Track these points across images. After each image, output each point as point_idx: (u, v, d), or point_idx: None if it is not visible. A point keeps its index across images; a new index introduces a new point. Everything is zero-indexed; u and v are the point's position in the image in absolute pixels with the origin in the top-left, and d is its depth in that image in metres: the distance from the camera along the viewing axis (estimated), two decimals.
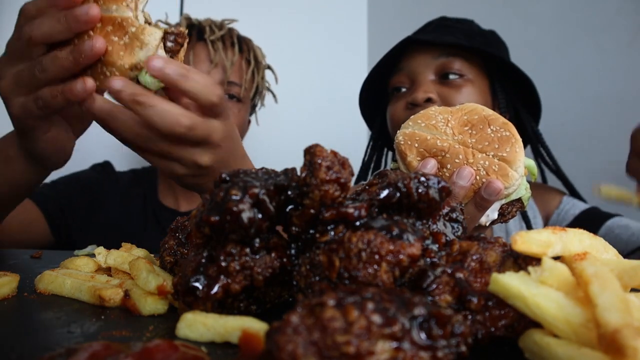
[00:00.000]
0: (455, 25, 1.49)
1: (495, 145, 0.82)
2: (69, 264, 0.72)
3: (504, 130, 0.84)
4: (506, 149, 0.82)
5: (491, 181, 0.80)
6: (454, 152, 0.83)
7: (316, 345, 0.33)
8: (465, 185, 0.80)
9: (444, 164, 0.82)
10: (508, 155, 0.82)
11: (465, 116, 0.87)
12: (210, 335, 0.45)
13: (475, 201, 0.82)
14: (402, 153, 0.86)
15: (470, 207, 0.83)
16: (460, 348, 0.35)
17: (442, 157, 0.83)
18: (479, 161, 0.81)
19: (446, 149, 0.83)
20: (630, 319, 0.34)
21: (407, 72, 1.43)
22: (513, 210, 0.87)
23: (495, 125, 0.85)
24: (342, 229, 0.48)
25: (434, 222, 0.53)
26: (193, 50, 1.68)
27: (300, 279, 0.50)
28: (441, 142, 0.84)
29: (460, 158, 0.82)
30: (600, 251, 0.50)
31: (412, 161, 0.84)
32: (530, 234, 0.46)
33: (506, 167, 0.81)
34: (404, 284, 0.47)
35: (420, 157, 0.84)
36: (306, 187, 0.49)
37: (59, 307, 0.56)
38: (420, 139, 0.85)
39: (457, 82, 1.37)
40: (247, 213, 0.48)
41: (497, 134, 0.84)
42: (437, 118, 0.87)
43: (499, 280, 0.41)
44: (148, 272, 0.57)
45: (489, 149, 0.82)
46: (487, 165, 0.81)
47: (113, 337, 0.46)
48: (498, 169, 0.81)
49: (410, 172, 0.73)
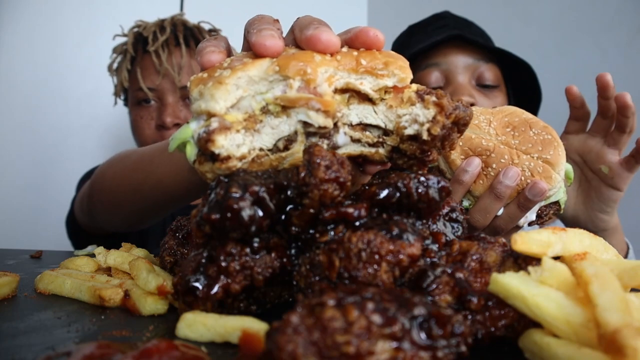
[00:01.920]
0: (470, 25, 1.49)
1: (538, 148, 0.84)
2: (69, 264, 0.72)
3: (545, 134, 0.86)
4: (549, 152, 0.84)
5: (536, 182, 0.81)
6: (500, 152, 0.84)
7: (316, 345, 0.33)
8: (512, 185, 0.82)
9: (489, 163, 0.84)
10: (552, 157, 0.84)
11: (506, 118, 0.89)
12: (210, 335, 0.45)
13: (518, 201, 0.84)
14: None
15: (513, 207, 0.85)
16: (460, 348, 0.35)
17: (487, 157, 0.84)
18: (524, 162, 0.83)
19: (491, 149, 0.84)
20: (630, 319, 0.34)
21: (443, 69, 1.39)
22: (550, 212, 0.88)
23: (536, 128, 0.87)
24: (342, 229, 0.48)
25: (434, 222, 0.53)
26: (140, 66, 1.67)
27: (300, 279, 0.50)
28: (486, 141, 0.85)
29: (505, 158, 0.84)
30: (600, 251, 0.50)
31: (456, 159, 0.85)
32: (530, 234, 0.46)
33: (550, 169, 0.83)
34: (404, 284, 0.46)
35: (464, 156, 0.85)
36: (305, 186, 0.48)
37: (59, 307, 0.56)
38: (464, 137, 0.86)
39: (493, 92, 1.38)
40: (248, 210, 0.48)
41: (539, 136, 0.86)
42: (479, 118, 0.88)
43: (499, 280, 0.41)
44: (148, 272, 0.57)
45: (532, 151, 0.84)
46: (532, 166, 0.83)
47: (113, 337, 0.46)
48: (542, 171, 0.83)
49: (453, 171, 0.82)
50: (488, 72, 1.38)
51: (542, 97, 1.46)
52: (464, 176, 0.84)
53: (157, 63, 1.63)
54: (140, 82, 1.65)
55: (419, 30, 1.54)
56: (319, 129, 0.55)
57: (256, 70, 0.53)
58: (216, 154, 0.52)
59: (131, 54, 1.69)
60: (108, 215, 1.12)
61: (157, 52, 1.64)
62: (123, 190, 1.03)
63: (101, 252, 0.74)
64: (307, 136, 0.56)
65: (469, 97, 1.31)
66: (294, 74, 0.52)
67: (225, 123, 0.52)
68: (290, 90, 0.53)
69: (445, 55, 1.40)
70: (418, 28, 1.55)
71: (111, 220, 1.12)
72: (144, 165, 0.98)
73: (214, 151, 0.52)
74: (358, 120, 0.57)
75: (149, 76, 1.65)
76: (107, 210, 1.11)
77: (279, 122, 0.55)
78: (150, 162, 0.97)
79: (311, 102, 0.52)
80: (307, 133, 0.56)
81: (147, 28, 1.70)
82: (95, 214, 1.17)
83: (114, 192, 1.05)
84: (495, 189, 0.84)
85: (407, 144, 0.57)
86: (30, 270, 0.77)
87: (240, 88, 0.53)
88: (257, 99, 0.54)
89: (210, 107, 0.52)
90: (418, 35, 1.51)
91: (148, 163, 0.97)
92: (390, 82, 0.56)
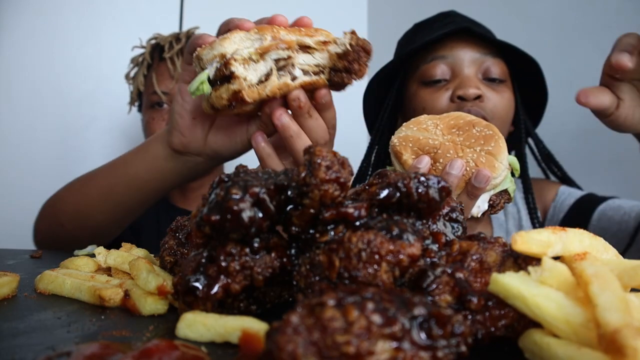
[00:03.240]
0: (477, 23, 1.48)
1: (481, 142, 0.92)
2: (69, 264, 0.72)
3: (487, 130, 0.95)
4: (491, 144, 0.92)
5: (480, 169, 0.88)
6: (445, 148, 0.92)
7: (316, 345, 0.33)
8: (457, 174, 0.88)
9: (437, 159, 0.91)
10: (493, 149, 0.91)
11: (452, 121, 0.98)
12: (210, 335, 0.45)
13: (467, 190, 0.90)
14: (397, 153, 0.95)
15: (463, 197, 0.91)
16: (460, 348, 0.35)
17: (434, 154, 0.92)
18: (468, 154, 0.91)
19: (438, 146, 0.92)
20: (630, 319, 0.34)
21: (449, 62, 1.38)
22: (501, 201, 0.96)
23: (479, 127, 0.95)
24: (342, 229, 0.48)
25: (434, 222, 0.53)
26: (155, 72, 1.77)
27: (300, 279, 0.50)
28: (433, 140, 0.93)
29: (451, 153, 0.91)
30: (600, 251, 0.50)
31: (408, 159, 0.93)
32: (530, 234, 0.46)
33: (492, 159, 0.91)
34: (404, 284, 0.46)
35: (414, 156, 0.93)
36: (306, 186, 0.48)
37: (59, 307, 0.56)
38: (413, 139, 0.94)
39: (500, 86, 1.38)
40: (248, 212, 0.48)
41: (481, 133, 0.94)
42: (427, 123, 0.98)
43: (499, 280, 0.41)
44: (148, 272, 0.57)
45: (475, 145, 0.92)
46: (475, 157, 0.91)
47: (113, 337, 0.46)
48: (485, 161, 0.90)
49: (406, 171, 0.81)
50: (495, 67, 1.37)
51: (548, 95, 1.45)
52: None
53: (172, 69, 1.74)
54: (155, 86, 1.75)
55: (424, 27, 1.53)
56: (286, 60, 0.84)
57: (243, 33, 0.83)
58: (232, 72, 0.79)
59: (148, 61, 1.81)
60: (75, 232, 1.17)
61: (172, 59, 1.76)
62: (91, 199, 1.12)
63: (101, 252, 0.75)
64: (278, 70, 0.84)
65: (475, 89, 1.31)
66: (267, 33, 0.83)
67: (235, 56, 0.80)
68: (265, 42, 0.82)
69: (452, 49, 1.39)
70: (424, 25, 1.54)
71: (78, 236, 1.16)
72: (116, 169, 1.11)
73: (232, 70, 0.79)
74: (305, 62, 0.86)
75: (164, 81, 1.76)
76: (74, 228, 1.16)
77: (258, 66, 0.83)
78: (124, 164, 1.10)
79: (279, 44, 0.83)
80: (278, 68, 0.84)
81: (164, 39, 1.82)
82: (59, 235, 1.20)
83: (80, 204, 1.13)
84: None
85: (337, 61, 0.85)
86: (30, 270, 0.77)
87: (235, 44, 0.81)
88: (244, 51, 0.81)
89: (222, 50, 0.80)
90: (424, 31, 1.50)
91: (121, 165, 1.10)
92: (322, 38, 0.86)
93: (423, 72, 1.42)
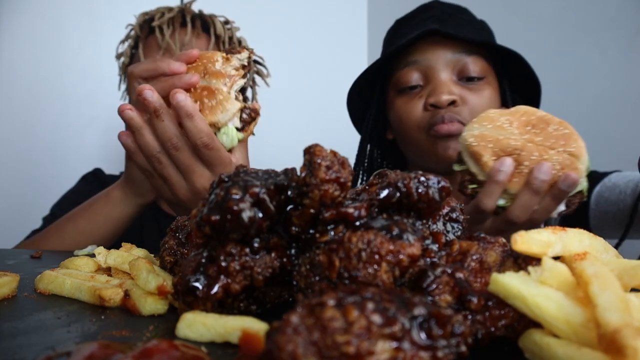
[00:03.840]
0: (459, 15, 1.40)
1: (561, 142, 0.89)
2: (69, 264, 0.72)
3: (563, 128, 0.91)
4: (572, 145, 0.89)
5: (569, 174, 0.86)
6: (529, 150, 0.88)
7: (316, 345, 0.33)
8: (546, 179, 0.86)
9: (521, 161, 0.88)
10: (576, 150, 0.89)
11: (523, 117, 0.93)
12: (210, 335, 0.45)
13: (552, 194, 0.88)
14: (476, 154, 0.91)
15: (547, 200, 0.89)
16: (460, 348, 0.35)
17: (517, 155, 0.88)
18: (553, 157, 0.88)
19: (520, 147, 0.88)
20: (630, 319, 0.34)
21: (421, 67, 1.31)
22: (576, 200, 0.94)
23: (553, 124, 0.92)
24: (342, 229, 0.48)
25: (434, 222, 0.53)
26: (142, 44, 1.62)
27: (300, 279, 0.50)
28: (514, 141, 0.89)
29: (535, 155, 0.88)
30: (600, 251, 0.50)
31: (488, 161, 0.89)
32: (530, 233, 0.46)
33: (575, 161, 0.88)
34: (404, 284, 0.46)
35: (495, 157, 0.89)
36: (306, 186, 0.49)
37: (59, 307, 0.56)
38: (492, 139, 0.90)
39: (479, 85, 1.30)
40: (248, 212, 0.48)
41: (558, 131, 0.91)
42: (500, 119, 0.93)
43: (499, 280, 0.41)
44: (148, 272, 0.57)
45: (557, 146, 0.89)
46: (560, 160, 0.88)
47: (113, 337, 0.46)
48: (570, 163, 0.88)
49: (485, 173, 0.89)
50: (472, 65, 1.29)
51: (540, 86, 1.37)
52: (499, 176, 0.88)
53: (160, 38, 1.56)
54: (141, 58, 1.59)
55: (404, 24, 1.46)
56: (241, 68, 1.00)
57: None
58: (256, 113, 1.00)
59: (137, 33, 1.64)
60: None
61: (160, 28, 1.58)
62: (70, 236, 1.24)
63: (101, 252, 0.74)
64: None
65: (447, 95, 1.24)
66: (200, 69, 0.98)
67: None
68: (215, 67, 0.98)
69: (423, 52, 1.31)
70: (403, 22, 1.47)
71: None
72: (84, 211, 1.23)
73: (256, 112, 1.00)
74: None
75: (151, 53, 1.59)
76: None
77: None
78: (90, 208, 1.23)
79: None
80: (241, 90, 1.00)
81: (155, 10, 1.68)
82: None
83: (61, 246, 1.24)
84: (532, 185, 0.88)
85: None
86: (30, 270, 0.77)
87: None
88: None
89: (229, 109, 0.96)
90: (403, 29, 1.43)
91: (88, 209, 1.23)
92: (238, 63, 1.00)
93: (397, 80, 1.36)
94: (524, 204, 0.89)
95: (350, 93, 1.47)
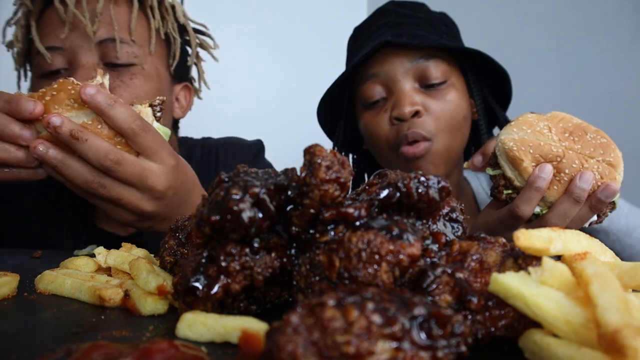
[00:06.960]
0: (415, 14, 1.35)
1: (600, 151, 0.89)
2: (69, 264, 0.72)
3: (600, 137, 0.91)
4: (610, 155, 0.89)
5: (609, 184, 0.86)
6: (569, 157, 0.87)
7: (316, 345, 0.33)
8: (588, 188, 0.86)
9: (561, 169, 0.87)
10: (614, 160, 0.89)
11: (561, 124, 0.92)
12: (210, 335, 0.45)
13: (590, 203, 0.88)
14: (516, 159, 0.89)
15: (585, 209, 0.89)
16: (460, 348, 0.35)
17: (558, 163, 0.87)
18: (593, 166, 0.87)
19: (561, 155, 0.88)
20: (630, 319, 0.34)
21: (382, 79, 1.27)
22: (607, 210, 0.93)
23: (591, 133, 0.91)
24: (342, 229, 0.48)
25: (434, 222, 0.53)
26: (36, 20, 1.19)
27: (300, 279, 0.50)
28: (555, 148, 0.88)
29: (576, 163, 0.87)
30: (597, 253, 0.50)
31: (528, 167, 0.88)
32: (531, 231, 0.46)
33: (613, 171, 0.88)
34: (404, 284, 0.46)
35: (535, 163, 0.88)
36: (306, 187, 0.49)
37: (59, 307, 0.56)
38: (533, 145, 0.88)
39: (442, 90, 1.25)
40: (248, 212, 0.48)
41: (596, 140, 0.90)
42: (539, 125, 0.91)
43: (499, 280, 0.41)
44: (148, 272, 0.57)
45: (596, 155, 0.89)
46: (600, 169, 0.87)
47: (113, 337, 0.46)
48: (609, 173, 0.87)
49: (525, 178, 0.88)
50: (432, 69, 1.24)
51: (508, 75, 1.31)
52: (540, 182, 0.87)
53: (62, 10, 1.13)
54: (36, 42, 1.15)
55: (361, 32, 1.41)
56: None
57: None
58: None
59: (29, 7, 1.18)
60: None
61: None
62: None
63: (101, 252, 0.74)
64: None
65: (410, 106, 1.20)
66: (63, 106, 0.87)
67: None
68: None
69: (382, 64, 1.26)
70: (361, 30, 1.42)
71: None
72: None
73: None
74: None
75: (52, 32, 1.15)
76: None
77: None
78: None
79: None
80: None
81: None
82: None
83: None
84: (573, 194, 0.87)
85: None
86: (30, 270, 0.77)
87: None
88: None
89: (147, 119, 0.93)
90: (360, 39, 1.39)
91: None
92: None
93: (361, 95, 1.32)
94: (562, 213, 0.89)
95: (320, 106, 1.45)
